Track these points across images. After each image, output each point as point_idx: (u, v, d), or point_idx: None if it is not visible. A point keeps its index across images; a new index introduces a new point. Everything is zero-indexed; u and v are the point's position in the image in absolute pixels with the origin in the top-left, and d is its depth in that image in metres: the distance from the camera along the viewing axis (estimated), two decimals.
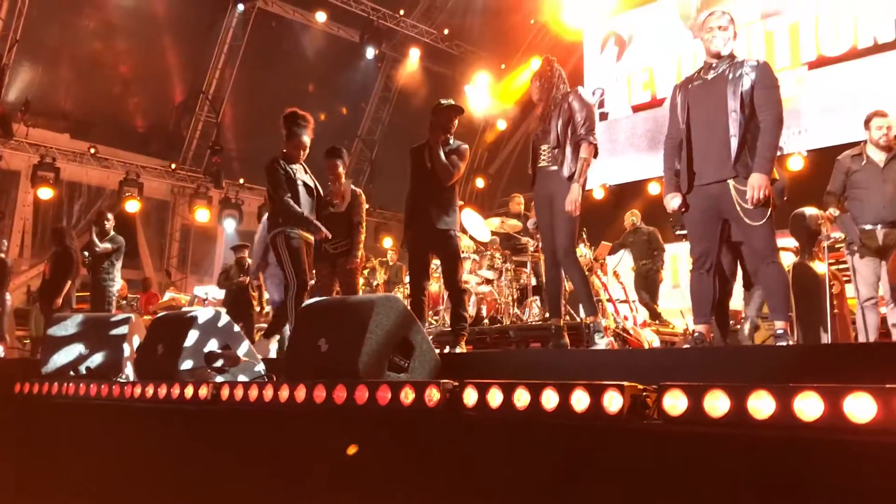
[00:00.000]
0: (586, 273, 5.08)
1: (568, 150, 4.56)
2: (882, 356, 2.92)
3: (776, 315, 3.93)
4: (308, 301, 3.78)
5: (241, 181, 15.09)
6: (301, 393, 2.92)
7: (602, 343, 4.61)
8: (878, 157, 5.10)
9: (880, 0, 11.13)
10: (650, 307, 9.42)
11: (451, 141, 5.39)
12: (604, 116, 13.93)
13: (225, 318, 4.00)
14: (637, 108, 13.79)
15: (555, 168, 4.60)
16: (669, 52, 13.47)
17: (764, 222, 3.81)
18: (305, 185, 5.68)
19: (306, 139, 5.70)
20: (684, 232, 8.06)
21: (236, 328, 4.02)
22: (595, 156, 4.64)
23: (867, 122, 5.19)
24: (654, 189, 12.69)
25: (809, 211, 5.52)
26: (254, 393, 3.12)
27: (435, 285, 7.79)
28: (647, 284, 9.62)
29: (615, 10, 14.31)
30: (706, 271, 4.04)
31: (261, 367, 3.93)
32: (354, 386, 2.75)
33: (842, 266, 6.72)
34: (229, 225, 14.65)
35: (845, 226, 5.37)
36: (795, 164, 11.37)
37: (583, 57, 14.63)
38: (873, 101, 10.29)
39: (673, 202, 4.11)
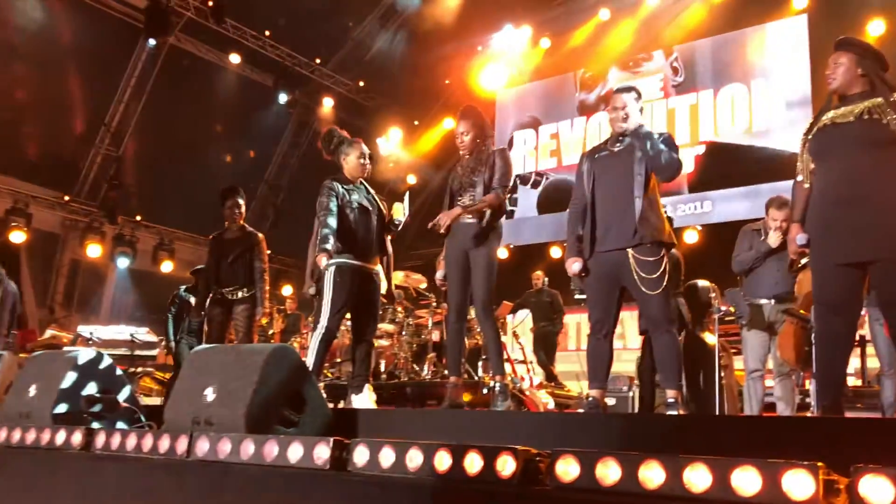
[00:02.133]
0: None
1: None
2: (766, 429, 3.00)
3: (668, 384, 4.01)
4: (197, 347, 3.62)
5: (138, 218, 14.59)
6: (182, 444, 2.77)
7: (503, 406, 4.59)
8: (773, 238, 5.35)
9: (775, 88, 11.86)
10: (547, 369, 9.52)
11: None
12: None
13: (107, 361, 3.79)
14: (543, 173, 14.15)
15: (473, 221, 4.59)
16: (577, 122, 13.94)
17: (659, 292, 3.92)
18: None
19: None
20: (584, 297, 8.22)
21: (119, 371, 3.81)
22: (502, 212, 4.67)
23: (767, 206, 5.44)
24: (555, 252, 12.98)
25: (702, 283, 5.72)
26: (131, 442, 2.94)
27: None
28: (546, 346, 9.75)
29: (527, 78, 14.78)
30: (603, 336, 4.10)
31: (142, 415, 3.73)
32: (240, 440, 2.62)
33: (731, 338, 6.98)
34: (122, 262, 14.09)
35: (735, 300, 5.58)
36: (691, 237, 11.85)
37: (494, 119, 14.98)
38: (767, 179, 10.91)
39: (574, 266, 4.18)
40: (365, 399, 4.81)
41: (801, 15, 11.83)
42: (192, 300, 7.28)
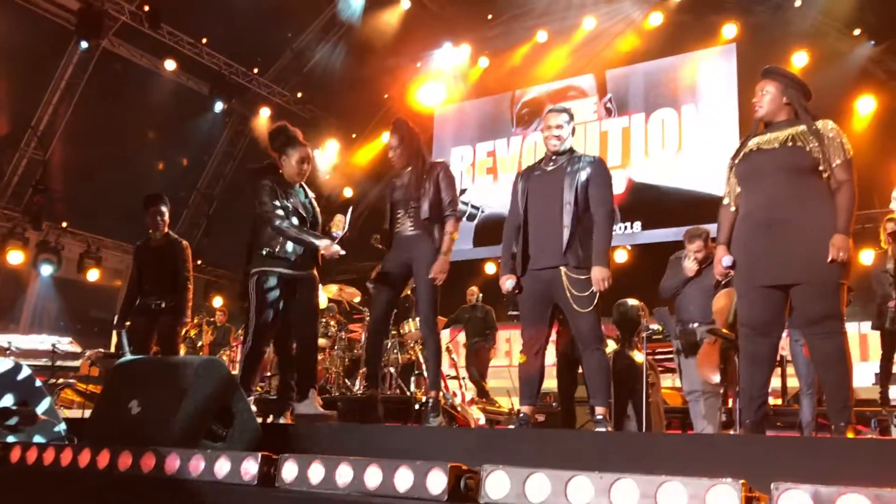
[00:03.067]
0: (419, 347, 5.10)
1: (437, 223, 4.59)
2: (691, 446, 3.07)
3: (597, 401, 4.07)
4: (123, 359, 3.53)
5: (64, 225, 14.13)
6: (104, 458, 2.69)
7: (435, 422, 4.58)
8: (689, 266, 5.49)
9: (704, 113, 12.23)
10: (479, 384, 9.54)
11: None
12: None
13: (26, 371, 3.66)
14: (479, 206, 14.23)
15: (417, 233, 4.59)
16: (513, 140, 14.11)
17: (591, 310, 3.99)
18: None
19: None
20: (517, 313, 8.26)
21: (38, 383, 3.68)
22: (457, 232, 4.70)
23: (685, 238, 5.59)
24: (490, 268, 13.06)
25: (631, 302, 5.83)
26: (49, 456, 2.84)
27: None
28: (478, 361, 9.78)
29: (463, 96, 14.90)
30: (534, 354, 4.14)
31: (62, 428, 3.60)
32: (165, 454, 2.56)
33: (658, 356, 7.14)
34: (46, 270, 13.61)
35: (663, 319, 5.71)
36: (620, 257, 12.09)
37: (433, 134, 15.06)
38: (695, 201, 11.22)
39: (507, 283, 4.22)
40: (310, 405, 4.62)
41: (731, 44, 12.28)
42: None
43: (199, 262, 12.22)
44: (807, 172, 3.43)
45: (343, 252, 4.57)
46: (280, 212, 4.54)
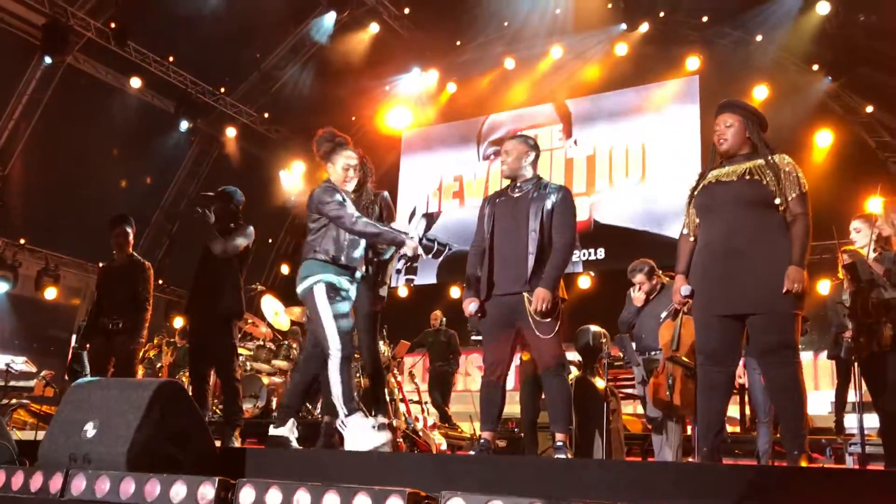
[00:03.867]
0: (384, 372, 5.10)
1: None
2: (649, 473, 3.10)
3: (557, 427, 4.08)
4: (80, 380, 3.46)
5: (22, 241, 13.87)
6: (57, 482, 2.64)
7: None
8: (636, 298, 5.59)
9: (666, 143, 12.44)
10: (441, 409, 9.52)
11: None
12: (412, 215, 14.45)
13: None
14: (446, 244, 14.26)
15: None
16: (479, 165, 14.21)
17: (552, 336, 4.01)
18: None
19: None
20: (480, 338, 8.25)
21: None
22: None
23: (629, 273, 5.69)
24: (454, 292, 13.10)
25: (593, 328, 5.87)
26: (0, 478, 2.78)
27: None
28: (441, 386, 9.77)
29: (433, 120, 15.01)
30: (496, 379, 4.13)
31: (13, 450, 3.52)
32: (120, 478, 2.52)
33: (619, 383, 7.19)
34: (0, 287, 13.33)
35: (623, 346, 5.76)
36: (584, 283, 12.19)
37: (400, 156, 15.14)
38: (657, 229, 11.38)
39: (470, 307, 4.23)
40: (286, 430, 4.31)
41: (694, 76, 12.54)
42: None
43: (160, 281, 12.06)
44: (763, 205, 3.50)
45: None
46: (349, 211, 4.13)
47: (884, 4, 10.88)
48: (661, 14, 12.89)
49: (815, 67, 11.71)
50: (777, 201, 3.47)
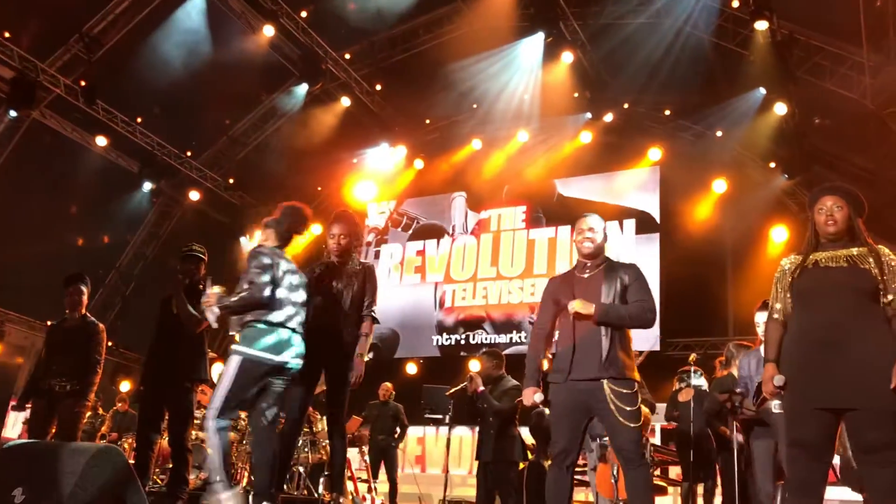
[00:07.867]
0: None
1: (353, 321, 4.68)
2: None
3: None
4: (12, 442, 3.30)
5: None
6: None
7: None
8: None
9: (627, 227, 12.62)
10: (393, 483, 9.20)
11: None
12: None
13: None
14: (403, 287, 14.28)
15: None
16: (443, 241, 14.26)
17: (637, 426, 3.80)
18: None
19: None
20: (436, 416, 8.19)
21: None
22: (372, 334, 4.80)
23: None
24: (411, 368, 12.96)
25: (547, 410, 5.80)
26: None
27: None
28: (385, 459, 9.40)
29: (397, 195, 15.11)
30: (566, 467, 3.89)
31: None
32: None
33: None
34: None
35: None
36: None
37: (364, 228, 15.15)
38: None
39: (536, 397, 4.01)
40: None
41: (656, 166, 12.87)
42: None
43: (110, 343, 11.77)
44: (867, 295, 3.34)
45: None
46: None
47: (837, 110, 11.34)
48: (626, 106, 13.27)
49: (773, 165, 12.07)
50: (880, 291, 3.32)
